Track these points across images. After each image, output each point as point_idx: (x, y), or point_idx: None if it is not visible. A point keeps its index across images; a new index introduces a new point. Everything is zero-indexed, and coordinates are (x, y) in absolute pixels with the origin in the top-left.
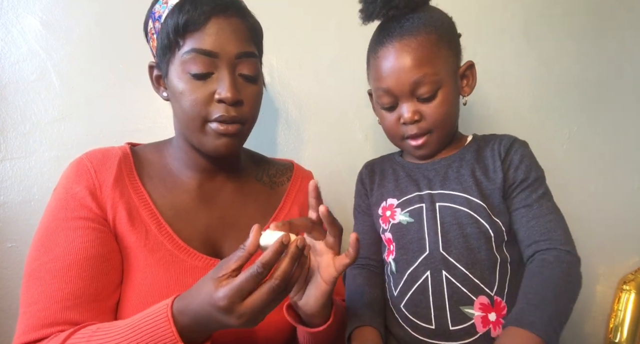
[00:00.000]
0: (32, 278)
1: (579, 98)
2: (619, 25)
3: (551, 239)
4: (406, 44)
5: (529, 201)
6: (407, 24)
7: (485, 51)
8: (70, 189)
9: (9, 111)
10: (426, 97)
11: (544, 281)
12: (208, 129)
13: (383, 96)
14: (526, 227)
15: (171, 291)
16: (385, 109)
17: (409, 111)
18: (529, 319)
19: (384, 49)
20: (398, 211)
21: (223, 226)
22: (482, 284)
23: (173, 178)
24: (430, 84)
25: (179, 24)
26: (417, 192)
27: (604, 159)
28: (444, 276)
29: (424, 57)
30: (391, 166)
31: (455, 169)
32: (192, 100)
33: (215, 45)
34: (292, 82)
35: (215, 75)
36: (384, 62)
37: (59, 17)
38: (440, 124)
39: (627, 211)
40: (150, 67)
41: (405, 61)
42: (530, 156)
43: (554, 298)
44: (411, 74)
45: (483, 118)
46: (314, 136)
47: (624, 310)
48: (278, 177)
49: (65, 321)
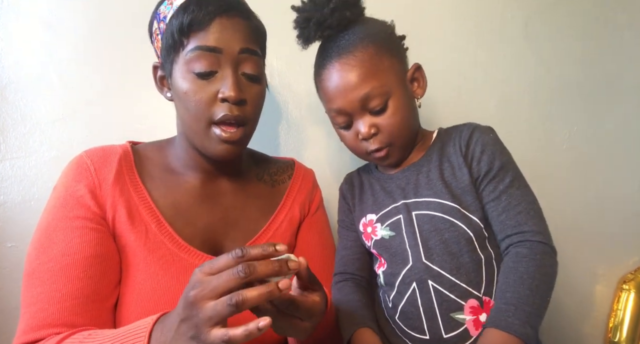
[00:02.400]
0: (32, 278)
1: (579, 98)
2: (619, 26)
3: (522, 232)
4: (345, 62)
5: (496, 193)
6: (343, 42)
7: (485, 52)
8: (70, 187)
9: (9, 111)
10: (378, 109)
11: (520, 277)
12: (212, 134)
13: (337, 116)
14: (497, 221)
15: (171, 289)
16: (342, 128)
17: (365, 125)
18: (507, 320)
19: (325, 71)
20: (378, 226)
21: (224, 225)
22: (469, 288)
23: (174, 177)
24: (379, 97)
25: (184, 24)
26: (393, 204)
27: (604, 159)
28: (430, 285)
29: (366, 71)
30: (368, 179)
31: (424, 174)
32: (196, 100)
33: (218, 41)
34: (292, 82)
35: (219, 74)
36: (328, 83)
37: (59, 17)
38: (397, 133)
39: (626, 210)
40: (155, 67)
41: (348, 79)
42: (493, 143)
43: (531, 294)
44: (358, 91)
45: (482, 119)
46: (315, 135)
47: (623, 310)
48: (279, 175)
49: (63, 322)
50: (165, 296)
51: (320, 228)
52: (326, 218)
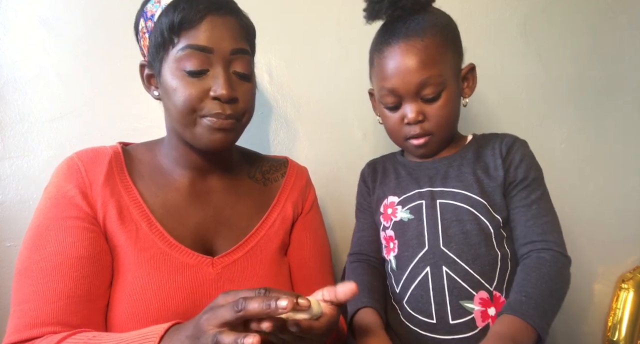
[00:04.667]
0: (24, 276)
1: (578, 98)
2: (619, 25)
3: (547, 241)
4: (413, 45)
5: (528, 200)
6: (413, 24)
7: (484, 50)
8: (61, 188)
9: (7, 110)
10: (430, 97)
11: (542, 276)
12: (202, 122)
13: (387, 96)
14: (524, 226)
15: (162, 288)
16: (389, 108)
17: (413, 111)
18: (527, 310)
19: (389, 48)
20: (399, 209)
21: (214, 224)
22: (482, 280)
23: (164, 176)
24: (435, 86)
25: (175, 22)
26: (418, 190)
27: (603, 158)
28: (444, 271)
29: (429, 58)
30: (392, 164)
31: (456, 167)
32: (185, 95)
33: (210, 41)
34: (290, 80)
35: (210, 72)
36: (389, 62)
37: (57, 16)
38: (442, 125)
39: (626, 210)
40: (142, 66)
41: (411, 62)
42: (530, 156)
43: (550, 294)
44: (417, 75)
45: (482, 117)
46: (313, 134)
47: (622, 309)
48: (272, 173)
49: (55, 322)
50: (156, 295)
51: (315, 227)
52: (320, 217)
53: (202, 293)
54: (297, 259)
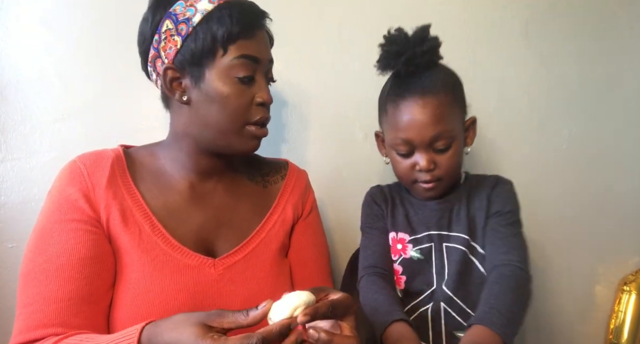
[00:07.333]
0: (28, 279)
1: (579, 98)
2: (619, 26)
3: (509, 258)
4: (428, 101)
5: (497, 226)
6: (427, 81)
7: (486, 51)
8: (64, 191)
9: (9, 111)
10: (441, 148)
11: (502, 289)
12: (246, 132)
13: (401, 145)
14: (491, 246)
15: (165, 289)
16: (401, 155)
17: (426, 160)
18: (491, 319)
19: (405, 102)
20: (409, 247)
21: (216, 226)
22: (472, 313)
23: (166, 179)
24: (447, 138)
25: (232, 32)
26: (427, 232)
27: (603, 159)
28: (443, 307)
29: (442, 114)
30: (400, 199)
31: (456, 211)
32: (238, 104)
33: (259, 52)
34: (291, 81)
35: (255, 80)
36: (405, 115)
37: (59, 17)
38: (451, 172)
39: (627, 211)
40: (167, 69)
41: (426, 117)
42: (510, 193)
43: (512, 304)
44: (431, 129)
45: (483, 119)
46: (314, 135)
47: (624, 311)
48: (272, 176)
49: (59, 323)
50: (159, 296)
51: (314, 229)
52: (320, 220)
53: (204, 293)
54: (297, 261)
